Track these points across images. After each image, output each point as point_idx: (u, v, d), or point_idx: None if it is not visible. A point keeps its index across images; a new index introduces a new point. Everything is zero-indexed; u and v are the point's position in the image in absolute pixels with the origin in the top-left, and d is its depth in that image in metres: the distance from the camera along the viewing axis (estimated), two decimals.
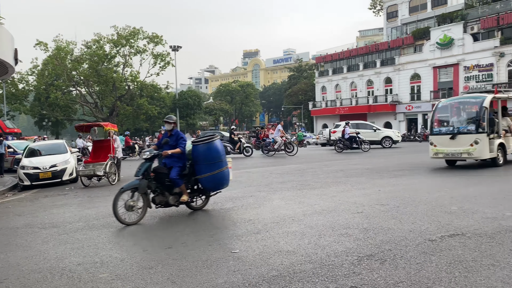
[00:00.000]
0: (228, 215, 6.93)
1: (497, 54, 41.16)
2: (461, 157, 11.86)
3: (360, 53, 56.60)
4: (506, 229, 5.11)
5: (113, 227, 6.44)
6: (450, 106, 12.94)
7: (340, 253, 4.47)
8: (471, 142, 11.41)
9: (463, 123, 12.13)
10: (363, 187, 9.26)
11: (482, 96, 12.26)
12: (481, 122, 11.47)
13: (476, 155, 11.44)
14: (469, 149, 11.41)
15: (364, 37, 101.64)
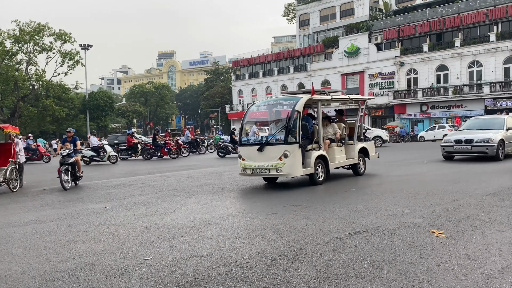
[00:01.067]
0: (141, 221, 6.71)
1: (397, 63, 44.72)
2: (270, 174, 9.41)
3: (275, 59, 58.24)
4: (406, 225, 5.55)
5: (12, 238, 5.92)
6: (262, 110, 10.91)
7: (254, 254, 4.53)
8: (280, 155, 9.10)
9: (272, 131, 9.90)
10: (277, 189, 9.50)
11: (296, 98, 9.84)
12: (292, 130, 9.20)
13: (285, 171, 9.09)
14: (278, 164, 9.09)
15: (279, 43, 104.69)
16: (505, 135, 13.91)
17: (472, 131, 14.68)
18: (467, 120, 17.46)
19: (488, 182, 9.07)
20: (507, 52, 37.62)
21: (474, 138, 13.78)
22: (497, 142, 13.34)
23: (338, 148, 10.65)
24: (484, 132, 14.13)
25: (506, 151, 14.01)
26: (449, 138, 14.82)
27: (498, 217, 5.79)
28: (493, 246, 4.51)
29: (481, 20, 39.58)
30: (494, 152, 13.36)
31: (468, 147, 13.81)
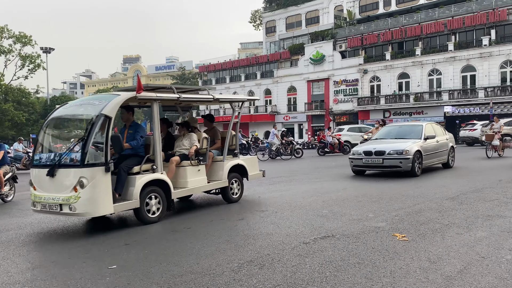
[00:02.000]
0: (106, 228, 6.57)
1: (361, 71, 45.78)
2: (62, 213, 6.06)
3: (242, 65, 58.45)
4: (369, 229, 5.68)
5: None
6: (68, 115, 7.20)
7: (221, 261, 4.52)
8: (74, 184, 5.87)
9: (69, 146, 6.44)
10: (244, 194, 9.51)
11: (110, 96, 6.66)
12: (96, 144, 6.11)
13: (81, 209, 5.84)
14: (70, 198, 5.86)
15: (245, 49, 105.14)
16: (423, 146, 11.81)
17: (385, 140, 12.64)
18: (383, 127, 14.92)
19: (447, 186, 9.40)
20: (464, 61, 39.22)
21: (386, 149, 11.47)
22: (413, 154, 11.16)
23: (192, 167, 7.52)
24: (399, 142, 12.01)
25: (425, 165, 11.90)
26: (359, 149, 12.32)
27: (457, 220, 6.02)
28: (452, 249, 4.68)
29: (440, 30, 41.12)
30: (409, 166, 11.15)
31: (379, 160, 11.49)
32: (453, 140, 14.06)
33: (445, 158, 13.20)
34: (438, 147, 12.67)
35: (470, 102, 38.25)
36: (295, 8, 56.38)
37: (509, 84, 36.90)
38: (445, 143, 13.22)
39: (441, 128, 13.99)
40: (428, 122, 13.80)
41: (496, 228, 5.54)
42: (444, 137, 13.43)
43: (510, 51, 36.71)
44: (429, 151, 12.08)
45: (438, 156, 12.74)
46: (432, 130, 12.88)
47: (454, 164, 13.75)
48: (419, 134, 12.33)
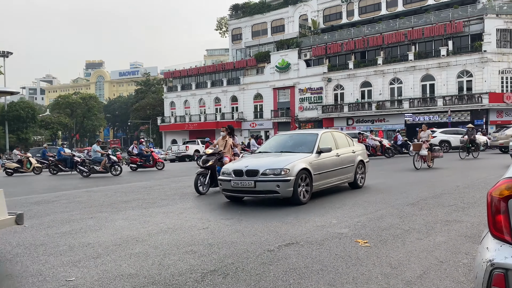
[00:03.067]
0: (64, 239, 6.33)
1: (325, 79, 46.64)
2: None
3: (208, 71, 58.33)
4: (333, 236, 5.74)
5: None
6: None
7: (184, 271, 4.44)
8: None
9: None
10: (209, 202, 9.43)
11: None
12: None
13: None
14: None
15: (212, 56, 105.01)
16: (315, 162, 8.88)
17: (268, 154, 9.62)
18: (272, 137, 12.29)
19: (407, 193, 9.65)
20: (424, 70, 40.66)
21: (260, 167, 8.38)
22: (295, 175, 8.19)
23: None
24: (282, 156, 9.02)
25: (318, 187, 9.05)
26: (229, 166, 9.15)
27: (417, 226, 6.17)
28: (413, 254, 4.79)
29: (400, 40, 42.51)
30: (289, 191, 8.13)
31: (250, 183, 8.27)
32: (364, 153, 11.37)
33: (351, 176, 10.35)
34: (339, 163, 9.75)
35: (429, 110, 39.67)
36: (261, 17, 56.92)
37: (466, 93, 38.50)
38: (350, 157, 10.29)
39: (347, 138, 11.03)
40: (328, 130, 10.85)
41: (454, 232, 5.72)
42: (350, 149, 10.47)
43: (466, 61, 38.35)
44: (323, 168, 9.12)
45: (340, 174, 9.85)
46: (332, 141, 9.90)
47: (364, 182, 11.04)
48: (311, 146, 9.28)
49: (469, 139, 20.43)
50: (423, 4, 44.80)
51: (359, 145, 11.90)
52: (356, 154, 10.68)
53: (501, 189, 2.50)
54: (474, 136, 20.67)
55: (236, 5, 60.37)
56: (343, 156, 10.01)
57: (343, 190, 10.72)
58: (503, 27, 37.76)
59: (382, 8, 47.75)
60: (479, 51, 37.74)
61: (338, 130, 12.14)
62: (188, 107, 59.63)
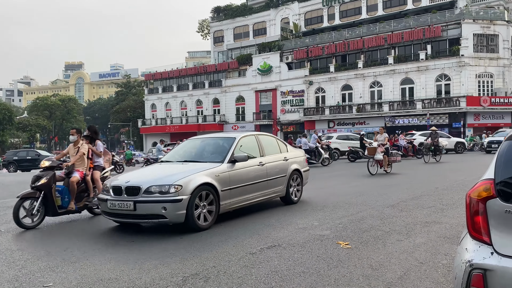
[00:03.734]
0: (49, 243, 6.19)
1: (307, 82, 46.92)
2: None
3: (189, 73, 58.01)
4: (315, 238, 5.75)
5: None
6: None
7: (165, 275, 4.39)
8: None
9: None
10: None
11: None
12: None
13: None
14: None
15: (193, 58, 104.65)
16: (223, 175, 6.90)
17: (166, 164, 7.64)
18: (184, 141, 9.53)
19: (388, 194, 9.75)
20: (403, 74, 41.26)
21: (143, 183, 6.38)
22: (190, 193, 6.23)
23: None
24: (181, 167, 7.06)
25: (231, 205, 7.07)
26: (110, 182, 6.93)
27: (397, 227, 6.24)
28: (393, 255, 4.83)
29: (380, 44, 43.07)
30: (180, 215, 6.16)
31: (129, 204, 6.24)
32: (301, 160, 9.36)
33: (282, 189, 8.38)
34: (264, 174, 7.81)
35: (408, 113, 40.27)
36: (243, 19, 56.97)
37: (444, 96, 39.23)
38: (280, 166, 8.37)
39: (279, 142, 9.12)
40: (251, 134, 8.64)
41: (433, 234, 5.80)
42: (280, 157, 8.51)
43: (444, 65, 39.09)
44: (238, 182, 7.16)
45: (265, 187, 7.86)
46: (255, 147, 8.08)
47: (301, 195, 9.09)
48: (224, 153, 7.36)
49: (432, 142, 20.27)
50: (402, 9, 45.51)
51: (296, 151, 9.74)
52: (289, 162, 8.68)
53: (479, 190, 2.54)
54: (437, 139, 20.42)
55: (218, 8, 60.29)
56: (270, 165, 8.05)
57: (322, 192, 10.76)
58: (480, 32, 38.63)
59: (362, 12, 48.33)
60: (456, 55, 38.52)
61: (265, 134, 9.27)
62: (169, 109, 59.20)
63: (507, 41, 38.85)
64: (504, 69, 38.80)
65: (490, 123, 37.24)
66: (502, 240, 2.40)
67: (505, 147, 2.58)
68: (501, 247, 2.39)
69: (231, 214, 7.90)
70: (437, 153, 20.27)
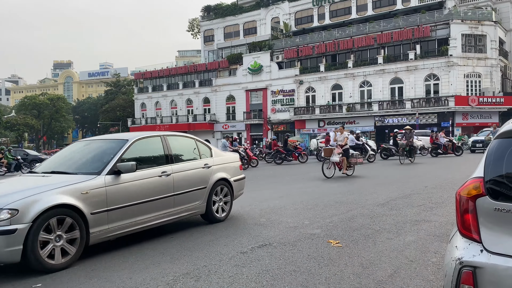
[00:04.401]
0: None
1: (297, 82, 47.01)
2: None
3: (179, 73, 57.78)
4: (305, 237, 5.76)
5: None
6: None
7: (156, 275, 4.37)
8: None
9: None
10: None
11: None
12: None
13: None
14: None
15: (183, 57, 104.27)
16: (97, 192, 5.15)
17: (29, 176, 5.91)
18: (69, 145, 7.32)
19: (377, 193, 9.81)
20: (393, 73, 41.55)
21: None
22: (31, 221, 4.42)
23: None
24: (34, 181, 5.28)
25: (106, 234, 5.26)
26: None
27: (387, 226, 6.28)
28: (383, 253, 4.86)
29: (370, 44, 43.30)
30: (14, 253, 4.32)
31: None
32: (231, 167, 7.50)
33: (199, 206, 6.63)
34: (168, 188, 6.04)
35: (398, 112, 40.55)
36: (233, 18, 56.91)
37: (433, 96, 39.58)
38: (198, 175, 6.64)
39: (199, 144, 7.13)
40: (155, 134, 6.56)
41: (423, 232, 5.84)
42: (200, 163, 6.75)
43: (433, 65, 39.44)
44: (123, 200, 5.43)
45: (168, 205, 6.07)
46: (158, 151, 6.29)
47: (230, 210, 7.38)
48: (105, 162, 5.57)
49: (407, 142, 19.29)
50: (392, 9, 45.80)
51: (226, 155, 7.79)
52: (212, 170, 6.90)
53: (469, 188, 2.56)
54: (412, 139, 19.50)
55: (208, 7, 60.14)
56: (181, 175, 6.28)
57: (312, 191, 10.77)
58: (468, 32, 39.03)
59: (352, 12, 48.56)
60: (445, 55, 38.88)
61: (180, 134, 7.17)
62: (159, 109, 58.92)
63: (495, 41, 39.31)
64: (492, 69, 39.26)
65: (478, 123, 37.63)
66: (491, 237, 2.42)
67: (494, 146, 2.61)
68: (490, 244, 2.41)
69: None
70: (412, 154, 19.49)
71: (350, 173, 14.22)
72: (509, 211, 2.36)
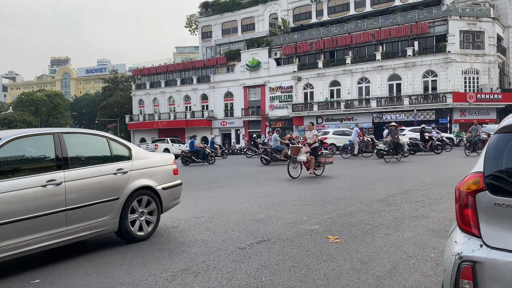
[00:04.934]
0: None
1: (295, 78, 46.94)
2: None
3: (177, 69, 57.61)
4: (304, 232, 5.76)
5: None
6: None
7: (154, 271, 4.36)
8: None
9: None
10: None
11: None
12: None
13: None
14: None
15: (181, 53, 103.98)
16: None
17: None
18: None
19: (376, 189, 9.82)
20: (391, 70, 41.52)
21: None
22: None
23: None
24: None
25: None
26: None
27: (386, 222, 6.28)
28: (382, 249, 4.86)
29: (368, 40, 43.25)
30: None
31: None
32: (159, 171, 6.14)
33: (109, 222, 5.32)
34: (56, 201, 4.76)
35: (396, 109, 40.56)
36: (231, 14, 56.74)
37: (431, 93, 39.58)
38: (106, 183, 5.34)
39: (113, 143, 5.74)
40: (44, 132, 5.07)
41: (422, 228, 5.85)
42: (111, 168, 5.45)
43: (431, 62, 39.41)
44: None
45: (58, 224, 4.74)
46: (47, 153, 4.99)
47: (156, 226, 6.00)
48: None
49: (392, 139, 18.08)
50: (390, 5, 45.74)
51: (156, 156, 6.39)
52: (129, 176, 5.60)
53: (468, 183, 2.55)
54: (398, 136, 18.34)
55: (206, 3, 59.92)
56: (78, 184, 4.99)
57: (310, 187, 10.77)
58: (466, 28, 39.00)
59: (350, 8, 48.46)
60: (443, 52, 38.85)
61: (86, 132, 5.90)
62: (157, 105, 58.79)
63: (493, 37, 39.29)
64: (490, 66, 39.26)
65: (476, 119, 37.67)
66: (491, 232, 2.42)
67: (494, 141, 2.60)
68: (490, 239, 2.41)
69: (219, 210, 7.87)
70: (399, 152, 18.37)
71: (318, 173, 13.51)
72: (509, 206, 2.36)
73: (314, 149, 13.41)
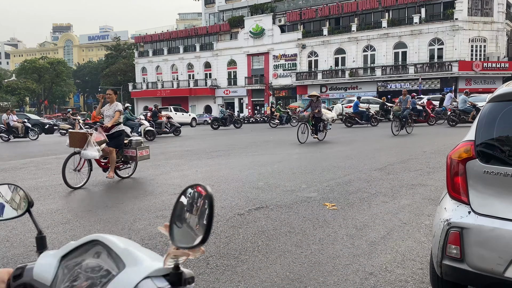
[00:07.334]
0: None
1: (300, 46, 46.30)
2: None
3: (180, 36, 56.86)
4: (302, 200, 5.85)
5: None
6: None
7: (154, 234, 4.47)
8: None
9: None
10: (181, 168, 9.42)
11: None
12: None
13: None
14: None
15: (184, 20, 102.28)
16: None
17: None
18: None
19: (376, 158, 9.87)
20: (397, 38, 40.82)
21: None
22: None
23: None
24: None
25: None
26: None
27: (383, 190, 6.35)
28: (378, 216, 4.95)
29: (374, 7, 42.33)
30: None
31: None
32: None
33: None
34: None
35: (401, 77, 40.13)
36: None
37: (437, 61, 39.04)
38: None
39: None
40: None
41: (418, 196, 5.92)
42: None
43: (438, 29, 38.68)
44: None
45: None
46: None
47: None
48: None
49: (312, 114, 14.54)
50: None
51: None
52: None
53: (460, 151, 2.59)
54: (319, 109, 14.58)
55: None
56: None
57: (311, 156, 10.83)
58: None
59: None
60: (450, 19, 38.05)
61: None
62: (160, 73, 58.40)
63: (502, 4, 38.35)
64: (498, 33, 38.50)
65: (482, 88, 37.26)
66: (479, 199, 2.47)
67: (486, 109, 2.61)
68: (478, 206, 2.46)
69: (219, 177, 7.97)
70: (321, 129, 14.94)
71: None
72: (498, 174, 2.40)
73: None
